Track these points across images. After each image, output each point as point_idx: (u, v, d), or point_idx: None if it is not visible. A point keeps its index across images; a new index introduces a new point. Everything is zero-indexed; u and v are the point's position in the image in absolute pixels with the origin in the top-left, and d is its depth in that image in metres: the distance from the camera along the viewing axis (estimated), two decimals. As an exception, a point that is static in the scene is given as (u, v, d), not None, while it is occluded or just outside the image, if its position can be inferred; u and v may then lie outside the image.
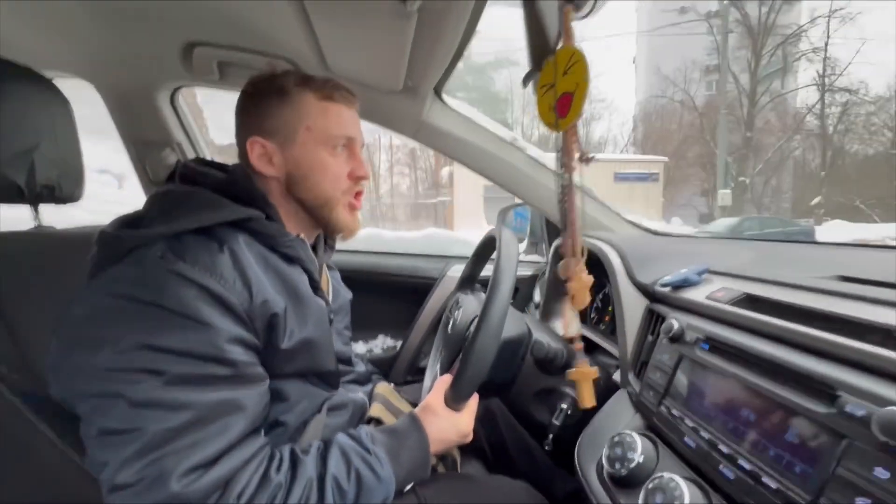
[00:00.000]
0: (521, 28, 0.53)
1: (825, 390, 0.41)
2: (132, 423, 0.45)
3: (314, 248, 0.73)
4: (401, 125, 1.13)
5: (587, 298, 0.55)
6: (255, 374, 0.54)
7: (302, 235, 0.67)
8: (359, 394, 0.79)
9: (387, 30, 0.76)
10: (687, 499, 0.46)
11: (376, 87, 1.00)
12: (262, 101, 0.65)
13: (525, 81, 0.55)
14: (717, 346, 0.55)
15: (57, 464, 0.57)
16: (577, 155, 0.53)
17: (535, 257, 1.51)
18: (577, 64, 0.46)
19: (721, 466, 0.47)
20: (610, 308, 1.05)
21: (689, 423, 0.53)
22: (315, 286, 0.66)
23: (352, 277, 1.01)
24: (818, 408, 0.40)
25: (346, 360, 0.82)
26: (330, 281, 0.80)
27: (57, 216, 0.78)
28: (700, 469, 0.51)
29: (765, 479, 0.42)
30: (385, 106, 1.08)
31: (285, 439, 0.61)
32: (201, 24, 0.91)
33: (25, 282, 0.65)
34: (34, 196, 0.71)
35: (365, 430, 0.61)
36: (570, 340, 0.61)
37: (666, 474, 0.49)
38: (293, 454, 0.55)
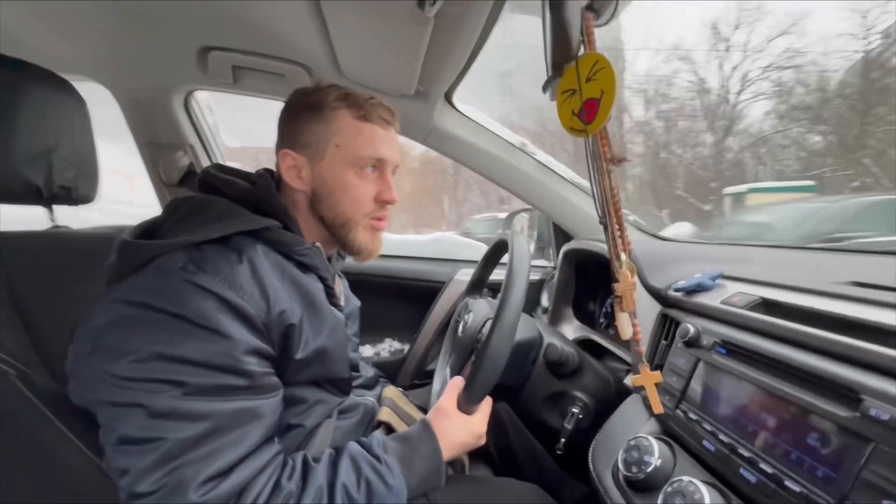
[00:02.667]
0: (541, 36, 0.54)
1: (849, 395, 0.41)
2: (152, 433, 0.45)
3: (328, 258, 0.73)
4: (411, 130, 1.14)
5: (635, 299, 0.54)
6: (271, 383, 0.54)
7: (318, 244, 0.67)
8: (368, 397, 0.79)
9: (403, 34, 0.77)
10: (707, 502, 0.46)
11: (388, 92, 1.01)
12: (298, 114, 0.66)
13: (545, 88, 0.56)
14: (735, 351, 0.55)
15: (74, 462, 0.57)
16: (608, 157, 0.54)
17: (542, 262, 1.51)
18: (602, 70, 0.47)
19: (742, 470, 0.47)
20: (619, 313, 1.05)
21: (707, 426, 0.53)
22: (330, 294, 0.66)
23: (359, 280, 1.01)
24: (842, 412, 0.40)
25: (354, 367, 0.83)
26: (342, 289, 0.80)
27: (66, 215, 0.79)
28: (719, 473, 0.51)
29: (787, 483, 0.42)
30: (395, 111, 1.08)
31: (301, 440, 0.61)
32: (217, 29, 0.92)
33: (43, 281, 0.66)
34: (51, 196, 0.71)
35: (377, 439, 0.61)
36: (629, 343, 0.61)
37: (685, 478, 0.49)
38: (305, 462, 0.55)
